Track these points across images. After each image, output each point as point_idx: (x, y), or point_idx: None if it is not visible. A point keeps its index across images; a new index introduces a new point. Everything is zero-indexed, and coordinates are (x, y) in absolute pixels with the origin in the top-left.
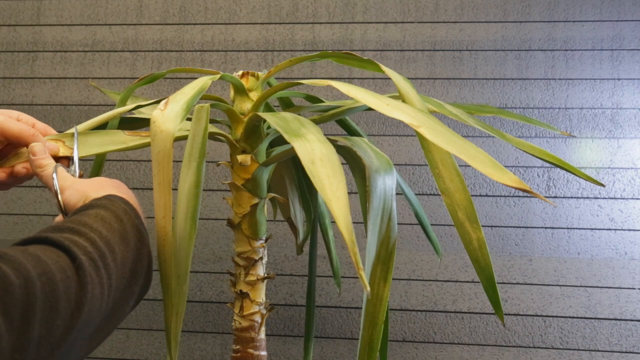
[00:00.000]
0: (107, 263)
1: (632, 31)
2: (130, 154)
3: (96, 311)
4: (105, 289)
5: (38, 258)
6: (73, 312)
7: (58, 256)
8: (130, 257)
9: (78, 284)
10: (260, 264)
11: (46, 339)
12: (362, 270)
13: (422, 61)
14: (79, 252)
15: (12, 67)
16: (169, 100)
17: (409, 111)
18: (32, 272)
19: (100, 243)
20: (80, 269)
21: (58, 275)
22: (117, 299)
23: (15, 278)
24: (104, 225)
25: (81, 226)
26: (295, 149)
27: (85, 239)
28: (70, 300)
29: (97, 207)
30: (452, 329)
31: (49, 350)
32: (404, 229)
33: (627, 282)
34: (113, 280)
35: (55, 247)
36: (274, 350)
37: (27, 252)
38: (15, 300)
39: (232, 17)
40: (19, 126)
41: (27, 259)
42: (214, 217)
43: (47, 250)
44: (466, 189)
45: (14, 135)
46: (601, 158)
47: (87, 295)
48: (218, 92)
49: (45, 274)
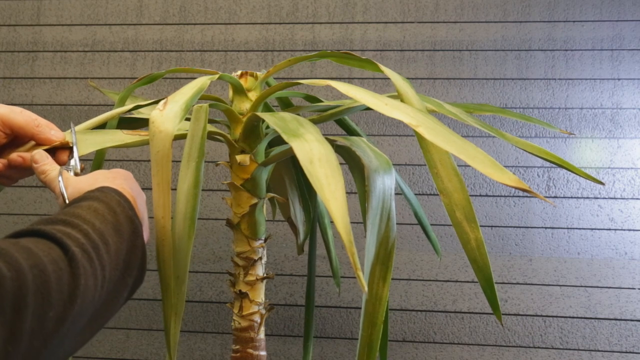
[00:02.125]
0: (100, 254)
1: (632, 31)
2: (130, 154)
3: (89, 303)
4: (98, 280)
5: (30, 250)
6: (66, 304)
7: (50, 248)
8: (124, 249)
9: (70, 275)
10: (260, 264)
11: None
12: (359, 271)
13: (422, 61)
14: (71, 243)
15: (12, 67)
16: (167, 101)
17: (408, 111)
18: (24, 265)
19: (93, 235)
20: (72, 261)
21: (50, 267)
22: (110, 290)
23: (7, 270)
24: (97, 216)
25: (74, 218)
26: (293, 149)
27: (77, 230)
28: (62, 292)
29: (90, 199)
30: (452, 329)
31: (41, 341)
32: (403, 229)
33: (627, 282)
34: (106, 272)
35: (47, 239)
36: (274, 350)
37: (18, 244)
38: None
39: (232, 17)
40: (23, 117)
41: (18, 251)
42: (213, 217)
43: (39, 242)
44: (465, 189)
45: (18, 125)
46: (601, 158)
47: (80, 286)
48: (217, 92)
49: (36, 266)
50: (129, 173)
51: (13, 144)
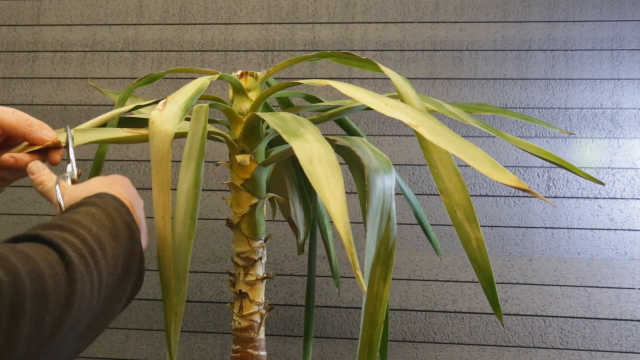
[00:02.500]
0: (97, 260)
1: (632, 31)
2: (130, 154)
3: (86, 308)
4: (95, 285)
5: (27, 255)
6: (62, 309)
7: (47, 253)
8: (121, 254)
9: (67, 280)
10: (260, 264)
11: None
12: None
13: (422, 61)
14: (68, 248)
15: (12, 67)
16: (167, 101)
17: (408, 111)
18: (21, 269)
19: (90, 240)
20: (69, 266)
21: (47, 272)
22: (108, 295)
23: (4, 275)
24: (94, 222)
25: (71, 223)
26: (293, 149)
27: (74, 235)
28: (59, 296)
29: (88, 205)
30: (452, 329)
31: (38, 347)
32: (403, 229)
33: (627, 282)
34: (104, 277)
35: (44, 244)
36: (274, 350)
37: (15, 249)
38: (3, 297)
39: (232, 17)
40: (15, 117)
41: (15, 256)
42: (213, 217)
43: (36, 247)
44: (465, 189)
45: (10, 126)
46: (601, 158)
47: (77, 291)
48: (218, 92)
49: (34, 270)
50: (126, 179)
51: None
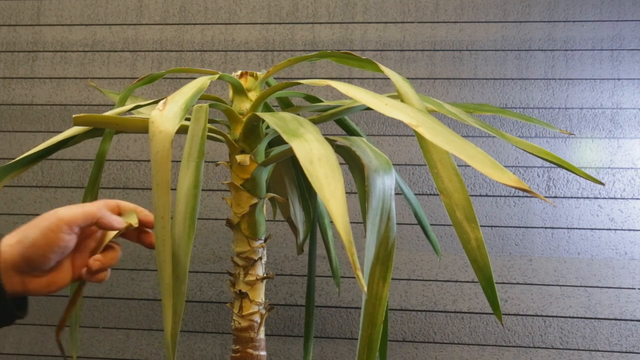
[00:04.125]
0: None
1: (632, 31)
2: (130, 154)
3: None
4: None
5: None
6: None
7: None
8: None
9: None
10: (260, 264)
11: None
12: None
13: (422, 61)
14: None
15: (12, 67)
16: (167, 101)
17: (407, 111)
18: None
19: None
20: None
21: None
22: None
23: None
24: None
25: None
26: (293, 149)
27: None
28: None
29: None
30: (452, 329)
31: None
32: (403, 229)
33: (627, 282)
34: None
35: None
36: (274, 350)
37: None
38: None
39: (232, 17)
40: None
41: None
42: (213, 217)
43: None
44: (465, 189)
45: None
46: (601, 158)
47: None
48: (218, 92)
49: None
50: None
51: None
